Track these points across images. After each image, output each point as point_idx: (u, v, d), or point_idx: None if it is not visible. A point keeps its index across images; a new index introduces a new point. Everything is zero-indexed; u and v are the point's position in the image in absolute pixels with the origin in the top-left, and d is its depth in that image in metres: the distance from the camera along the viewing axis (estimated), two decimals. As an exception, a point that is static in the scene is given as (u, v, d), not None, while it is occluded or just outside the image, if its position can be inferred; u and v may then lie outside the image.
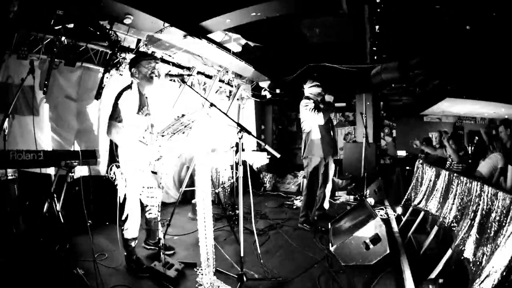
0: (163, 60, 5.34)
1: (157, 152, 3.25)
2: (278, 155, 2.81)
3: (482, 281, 2.12)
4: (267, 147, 2.74)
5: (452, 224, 3.19)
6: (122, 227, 3.27)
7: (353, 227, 3.55)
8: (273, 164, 7.55)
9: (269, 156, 6.77)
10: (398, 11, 4.41)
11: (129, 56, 4.80)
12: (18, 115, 4.08)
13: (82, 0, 3.81)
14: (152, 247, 3.68)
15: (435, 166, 4.26)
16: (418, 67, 5.51)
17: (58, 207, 3.81)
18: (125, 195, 3.18)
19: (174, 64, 5.61)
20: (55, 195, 3.68)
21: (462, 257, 2.60)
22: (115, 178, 3.14)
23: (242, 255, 2.87)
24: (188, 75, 5.41)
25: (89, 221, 4.00)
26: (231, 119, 2.92)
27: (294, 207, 5.93)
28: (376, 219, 3.36)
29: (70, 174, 3.89)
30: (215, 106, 2.94)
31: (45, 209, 3.65)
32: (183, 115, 2.99)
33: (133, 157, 3.12)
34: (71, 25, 4.13)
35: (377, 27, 4.42)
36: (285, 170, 7.96)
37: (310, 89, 4.62)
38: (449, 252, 2.82)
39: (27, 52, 4.04)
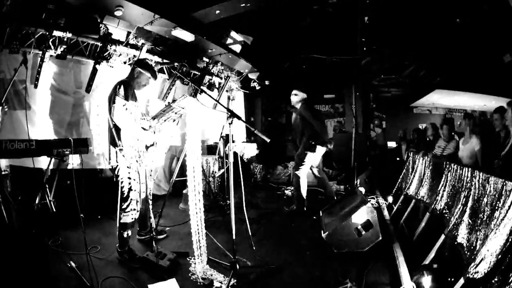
0: (153, 52, 5.20)
1: (152, 137, 3.26)
2: (268, 140, 2.74)
3: (477, 264, 2.06)
4: (256, 131, 2.66)
5: (444, 211, 3.14)
6: (122, 213, 3.17)
7: (345, 214, 3.48)
8: (263, 156, 7.48)
9: (259, 148, 6.66)
10: (388, 2, 4.29)
11: (119, 49, 4.70)
12: (10, 110, 3.98)
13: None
14: (145, 237, 3.63)
15: (425, 154, 4.19)
16: (408, 58, 5.42)
17: (50, 196, 3.66)
18: (128, 179, 3.12)
19: (163, 55, 5.46)
20: (47, 186, 3.57)
21: (456, 243, 2.54)
22: (118, 164, 3.08)
23: (234, 243, 2.80)
24: (179, 64, 5.28)
25: (81, 215, 3.95)
26: (221, 104, 2.85)
27: (285, 197, 5.87)
28: (367, 205, 3.30)
29: (62, 163, 3.71)
30: (205, 92, 2.92)
31: (37, 200, 3.52)
32: (173, 101, 2.98)
33: (134, 141, 3.13)
34: (62, 19, 4.02)
35: (366, 18, 4.30)
36: (275, 162, 7.78)
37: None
38: (442, 237, 2.77)
39: (19, 46, 3.96)
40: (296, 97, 4.74)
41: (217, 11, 4.11)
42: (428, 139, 6.04)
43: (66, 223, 3.75)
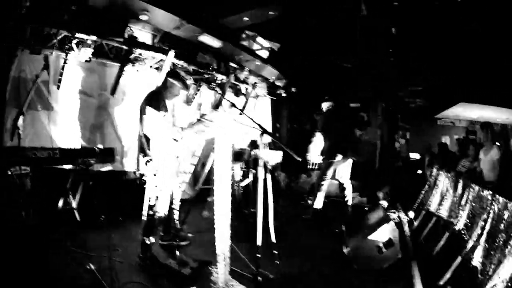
0: (179, 56, 5.42)
1: (181, 148, 3.52)
2: (299, 159, 3.05)
3: (488, 290, 2.30)
4: (289, 151, 2.98)
5: (462, 231, 3.41)
6: (147, 220, 3.40)
7: (368, 230, 3.71)
8: (287, 163, 7.60)
9: (283, 155, 7.02)
10: (415, 13, 4.60)
11: (145, 52, 4.97)
12: (31, 110, 4.28)
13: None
14: (168, 242, 3.80)
15: (448, 171, 4.52)
16: (432, 71, 5.77)
17: (74, 204, 3.95)
18: (155, 188, 3.37)
19: (190, 60, 5.73)
20: (70, 192, 3.94)
21: (471, 265, 2.80)
22: (146, 172, 3.34)
23: (258, 254, 2.97)
24: (207, 73, 5.73)
25: (102, 216, 4.20)
26: (254, 121, 3.06)
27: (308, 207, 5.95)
28: (390, 223, 3.56)
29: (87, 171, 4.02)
30: (235, 106, 3.11)
31: (60, 205, 3.85)
32: (203, 115, 3.25)
33: (164, 151, 3.36)
34: (86, 21, 4.25)
35: (393, 29, 4.63)
36: (299, 170, 8.04)
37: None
38: (459, 259, 3.03)
39: (40, 47, 4.18)
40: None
41: (245, 18, 4.45)
42: (453, 153, 6.36)
43: (86, 224, 4.04)
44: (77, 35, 4.32)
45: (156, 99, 3.39)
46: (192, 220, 4.67)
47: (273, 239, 3.42)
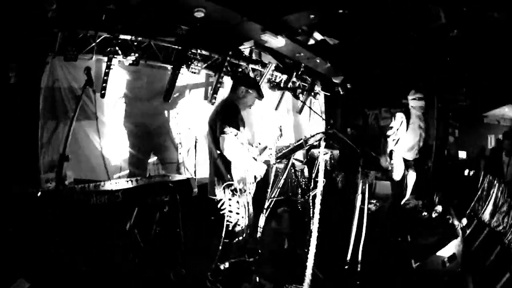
0: (238, 56, 5.66)
1: (262, 166, 3.45)
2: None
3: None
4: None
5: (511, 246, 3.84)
6: (225, 246, 3.37)
7: (435, 244, 4.16)
8: (343, 162, 8.06)
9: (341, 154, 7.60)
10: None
11: (199, 52, 5.08)
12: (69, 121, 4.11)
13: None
14: (236, 259, 3.62)
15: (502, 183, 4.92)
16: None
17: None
18: (235, 215, 3.36)
19: (249, 60, 6.02)
20: (136, 231, 3.75)
21: None
22: (224, 198, 3.31)
23: (346, 266, 3.38)
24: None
25: (157, 229, 4.18)
26: (351, 144, 3.52)
27: (369, 212, 6.58)
28: (457, 239, 4.02)
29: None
30: (334, 129, 3.40)
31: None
32: (307, 139, 3.47)
33: (244, 172, 3.27)
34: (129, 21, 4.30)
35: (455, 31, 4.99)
36: (355, 168, 8.41)
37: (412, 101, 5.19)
38: (507, 275, 3.42)
39: (76, 53, 4.21)
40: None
41: (311, 16, 4.61)
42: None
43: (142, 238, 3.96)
44: (121, 36, 4.36)
45: (233, 115, 3.24)
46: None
47: (360, 257, 3.49)
